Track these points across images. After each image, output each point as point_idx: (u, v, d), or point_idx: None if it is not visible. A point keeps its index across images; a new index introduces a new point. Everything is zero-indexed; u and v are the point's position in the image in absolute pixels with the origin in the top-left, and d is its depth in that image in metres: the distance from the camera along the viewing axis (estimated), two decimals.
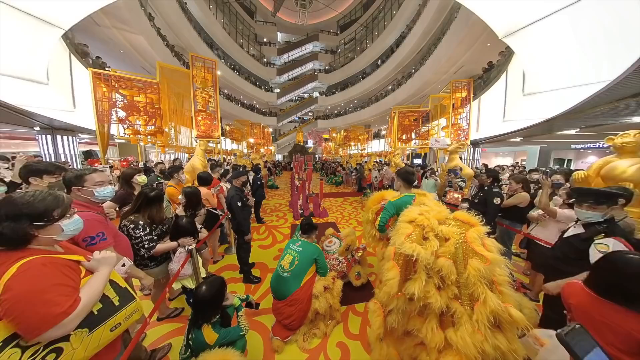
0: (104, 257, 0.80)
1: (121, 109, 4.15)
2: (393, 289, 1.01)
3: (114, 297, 0.78)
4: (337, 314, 1.76)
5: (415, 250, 0.98)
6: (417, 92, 12.10)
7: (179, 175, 2.52)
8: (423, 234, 1.08)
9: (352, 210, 5.44)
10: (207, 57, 4.78)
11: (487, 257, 0.91)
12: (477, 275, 0.90)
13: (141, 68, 9.81)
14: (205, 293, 1.09)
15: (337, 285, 1.73)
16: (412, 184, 1.58)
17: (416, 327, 1.04)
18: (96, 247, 1.00)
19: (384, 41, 15.18)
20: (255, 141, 11.84)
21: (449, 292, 0.97)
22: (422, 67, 10.95)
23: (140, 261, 1.48)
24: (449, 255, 0.98)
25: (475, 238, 0.97)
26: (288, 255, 1.64)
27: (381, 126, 18.90)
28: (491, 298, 0.88)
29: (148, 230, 1.41)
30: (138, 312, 0.83)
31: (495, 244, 0.98)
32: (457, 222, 1.11)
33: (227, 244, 3.19)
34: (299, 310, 1.54)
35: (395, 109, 7.68)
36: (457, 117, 6.23)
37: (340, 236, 2.42)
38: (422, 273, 0.99)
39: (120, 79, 4.12)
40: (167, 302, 1.94)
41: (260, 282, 2.35)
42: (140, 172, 1.92)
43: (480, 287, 0.89)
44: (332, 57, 22.29)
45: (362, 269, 2.28)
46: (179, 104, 5.17)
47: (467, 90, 6.10)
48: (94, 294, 0.71)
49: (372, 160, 8.71)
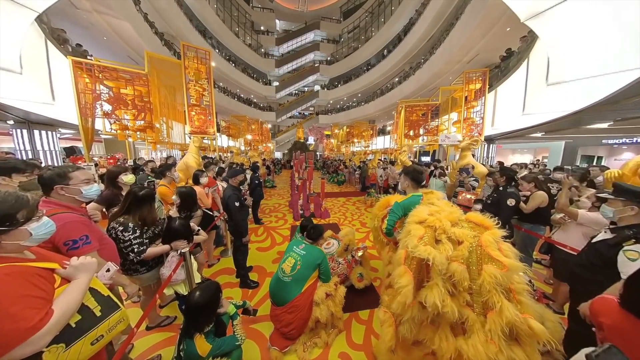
0: (82, 264, 0.76)
1: (106, 102, 4.03)
2: (408, 298, 0.97)
3: (94, 306, 0.75)
4: (340, 322, 1.76)
5: (430, 253, 0.95)
6: (426, 85, 11.91)
7: (172, 173, 2.52)
8: (435, 236, 1.06)
9: (355, 210, 5.44)
10: (200, 47, 4.70)
11: (503, 263, 0.89)
12: (492, 282, 0.88)
13: (128, 58, 9.53)
14: (198, 299, 1.07)
15: (339, 292, 1.72)
16: (420, 184, 1.56)
17: (427, 337, 1.02)
18: (79, 252, 0.99)
19: (391, 28, 15.01)
20: (253, 138, 11.86)
21: (461, 298, 0.95)
22: (432, 56, 10.72)
23: (130, 266, 1.47)
24: (461, 259, 0.96)
25: (490, 242, 0.95)
26: (290, 258, 1.63)
27: (387, 122, 18.80)
28: (508, 307, 0.85)
29: (138, 233, 1.40)
30: (124, 322, 0.81)
31: (512, 249, 0.95)
32: (470, 225, 1.09)
33: (224, 246, 3.20)
34: (299, 317, 1.53)
35: (402, 103, 7.61)
36: (469, 111, 6.10)
37: (338, 237, 2.42)
38: (438, 279, 0.96)
39: (105, 69, 3.99)
40: (157, 310, 1.93)
41: (258, 287, 2.35)
42: (127, 170, 1.87)
43: (496, 295, 0.87)
44: (335, 47, 22.12)
45: (364, 269, 2.27)
46: (170, 97, 5.11)
47: (482, 81, 5.90)
48: (71, 305, 0.67)
49: (376, 158, 8.64)
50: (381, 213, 1.87)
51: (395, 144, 9.00)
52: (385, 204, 1.87)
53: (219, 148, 8.18)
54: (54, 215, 0.95)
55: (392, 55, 14.47)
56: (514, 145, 12.46)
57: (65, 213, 1.00)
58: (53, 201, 1.03)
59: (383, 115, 17.70)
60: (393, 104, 14.03)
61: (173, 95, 5.17)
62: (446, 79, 10.71)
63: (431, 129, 7.37)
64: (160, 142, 4.85)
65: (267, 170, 9.04)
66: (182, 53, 4.45)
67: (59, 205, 1.02)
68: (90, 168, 3.43)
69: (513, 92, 6.30)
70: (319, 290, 1.62)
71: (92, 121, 3.94)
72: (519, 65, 6.13)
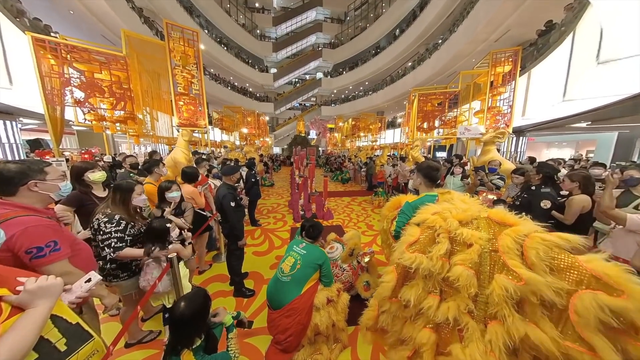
0: (41, 287, 0.64)
1: (78, 88, 3.81)
2: (386, 291, 1.14)
3: (58, 339, 0.65)
4: (344, 335, 1.72)
5: (415, 261, 1.02)
6: (443, 69, 11.58)
7: (160, 169, 2.49)
8: (435, 236, 1.07)
9: (361, 211, 5.41)
10: (187, 27, 4.56)
11: (520, 275, 0.84)
12: (502, 295, 0.85)
13: (101, 37, 9.03)
14: (184, 310, 1.03)
15: (342, 299, 1.71)
16: (435, 182, 1.54)
17: (409, 335, 1.09)
18: (46, 261, 0.94)
19: (404, 4, 14.57)
20: (249, 131, 11.86)
21: (462, 304, 0.95)
22: (452, 35, 10.25)
23: (109, 270, 1.45)
24: (469, 264, 0.95)
25: (509, 248, 0.91)
26: (290, 257, 1.66)
27: (397, 113, 18.57)
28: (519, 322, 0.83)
29: (122, 227, 1.42)
30: (98, 355, 0.75)
31: (546, 242, 0.87)
32: (489, 224, 1.06)
33: (217, 250, 3.19)
34: (297, 322, 1.52)
35: (415, 92, 7.48)
36: (495, 99, 5.83)
37: (342, 240, 2.40)
38: (420, 280, 1.07)
39: (74, 49, 3.75)
40: (139, 324, 1.90)
41: (253, 296, 2.33)
42: (94, 167, 1.78)
43: (506, 309, 0.86)
44: (339, 28, 21.79)
45: (371, 277, 2.24)
46: (154, 84, 5.02)
47: (513, 62, 5.48)
48: (22, 343, 0.56)
49: (385, 154, 8.54)
50: (391, 214, 1.87)
51: (406, 138, 8.92)
52: (395, 204, 1.85)
53: (212, 142, 8.21)
54: (11, 220, 0.90)
55: (405, 35, 14.09)
56: (550, 138, 11.46)
57: (25, 216, 0.94)
58: (9, 203, 0.96)
59: (393, 105, 17.48)
60: (405, 92, 13.81)
61: (157, 83, 5.07)
62: (468, 62, 10.26)
63: (448, 120, 7.21)
64: (144, 135, 4.80)
65: (265, 167, 9.03)
66: (165, 33, 4.29)
67: (17, 207, 0.96)
68: (61, 164, 3.26)
69: (552, 74, 5.87)
70: (320, 294, 1.62)
71: (62, 110, 3.74)
72: (562, 41, 5.64)
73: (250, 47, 18.94)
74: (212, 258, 3.05)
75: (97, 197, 1.75)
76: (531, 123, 6.56)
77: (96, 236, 1.40)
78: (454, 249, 1.04)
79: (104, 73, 4.03)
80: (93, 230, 1.41)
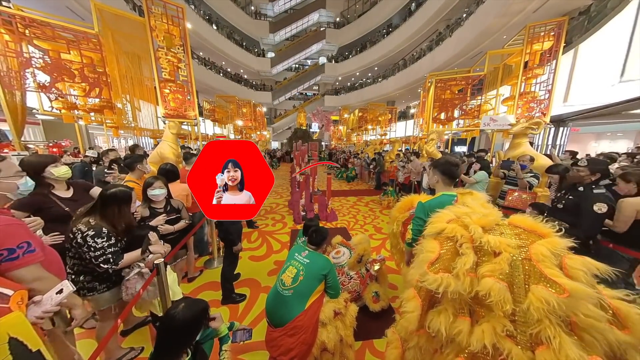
0: None
1: (41, 71, 3.58)
2: (411, 324, 1.05)
3: None
4: (350, 352, 1.70)
5: (442, 284, 0.95)
6: (466, 50, 11.23)
7: (143, 165, 2.48)
8: (457, 248, 1.03)
9: (369, 213, 5.41)
10: (170, 1, 4.28)
11: (563, 286, 0.80)
12: (542, 309, 0.80)
13: (66, 9, 8.30)
14: (183, 312, 1.03)
15: (350, 310, 1.69)
16: (455, 179, 1.51)
17: None
18: (19, 263, 0.92)
19: None
20: (245, 124, 11.89)
21: (498, 325, 0.89)
22: (479, 7, 9.79)
23: (84, 283, 1.42)
24: (500, 275, 0.90)
25: (544, 255, 0.88)
26: (291, 267, 1.62)
27: (410, 102, 18.34)
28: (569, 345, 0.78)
29: (113, 241, 1.41)
30: None
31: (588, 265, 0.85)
32: (514, 231, 1.03)
33: (209, 255, 3.21)
34: (302, 342, 1.49)
35: (432, 77, 7.35)
36: (529, 82, 5.44)
37: (350, 245, 2.40)
38: (448, 305, 1.00)
39: (33, 23, 3.49)
40: (118, 339, 1.89)
41: (245, 300, 2.37)
42: (56, 160, 1.61)
43: (550, 328, 0.80)
44: (346, 3, 21.58)
45: (380, 287, 2.23)
46: (134, 68, 4.90)
47: (556, 36, 4.95)
48: None
49: (395, 149, 8.45)
50: (402, 216, 1.87)
51: (420, 131, 8.80)
52: (407, 205, 1.86)
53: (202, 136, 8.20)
54: None
55: (423, 9, 13.66)
56: (599, 128, 10.18)
57: None
58: None
59: (406, 94, 17.32)
60: (420, 78, 13.63)
61: (138, 67, 4.95)
62: (497, 40, 9.74)
63: (470, 109, 7.03)
64: (125, 127, 4.74)
65: None
66: (145, 7, 4.06)
67: None
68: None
69: (606, 49, 5.35)
70: (326, 307, 1.59)
71: (22, 96, 3.59)
72: (621, 8, 5.11)
73: (243, 26, 18.81)
74: (203, 264, 3.05)
75: (61, 198, 1.63)
76: (576, 110, 6.14)
77: (80, 250, 1.33)
78: (479, 260, 0.99)
79: (73, 53, 3.84)
80: (75, 242, 1.33)
